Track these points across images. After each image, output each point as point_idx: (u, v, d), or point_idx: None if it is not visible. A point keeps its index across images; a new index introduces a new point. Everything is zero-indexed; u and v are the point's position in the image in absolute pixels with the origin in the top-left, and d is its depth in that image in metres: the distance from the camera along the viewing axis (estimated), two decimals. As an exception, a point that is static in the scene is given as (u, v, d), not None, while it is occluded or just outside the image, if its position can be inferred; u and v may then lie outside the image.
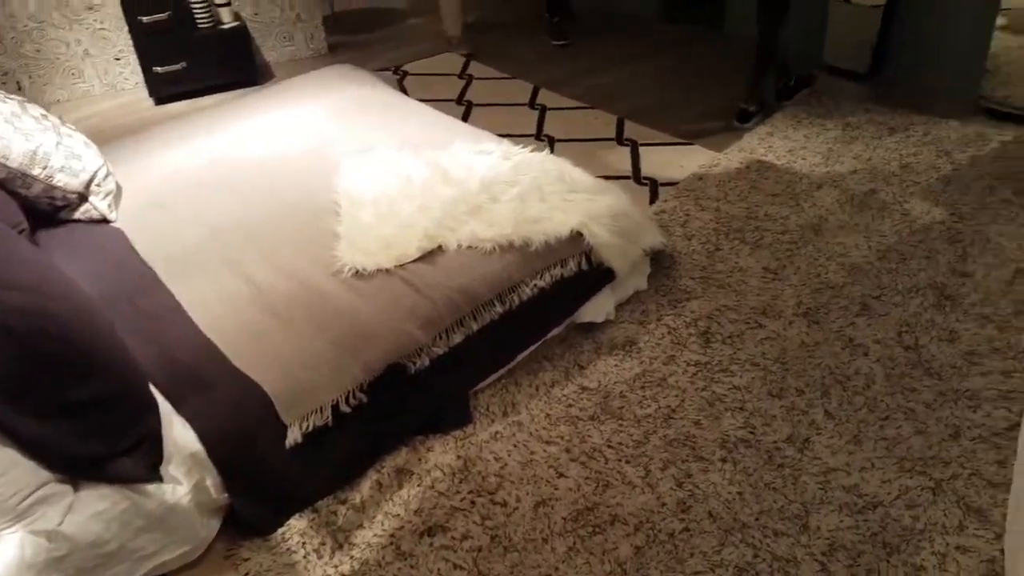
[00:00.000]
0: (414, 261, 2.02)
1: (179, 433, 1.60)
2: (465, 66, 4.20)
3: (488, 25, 4.79)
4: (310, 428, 1.70)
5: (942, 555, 1.57)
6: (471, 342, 1.93)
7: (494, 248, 2.06)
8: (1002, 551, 1.56)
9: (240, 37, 3.89)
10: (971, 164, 2.98)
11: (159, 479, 1.54)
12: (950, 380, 1.99)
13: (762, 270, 2.46)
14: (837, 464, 1.79)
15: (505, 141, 2.60)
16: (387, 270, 1.99)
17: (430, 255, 2.05)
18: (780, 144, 3.21)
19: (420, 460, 1.87)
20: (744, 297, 2.35)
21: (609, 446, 1.87)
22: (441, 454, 1.88)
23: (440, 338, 1.88)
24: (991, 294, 2.28)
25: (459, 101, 3.80)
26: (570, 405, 1.99)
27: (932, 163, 3.01)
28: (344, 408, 1.74)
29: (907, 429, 1.87)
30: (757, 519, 1.68)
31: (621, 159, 3.20)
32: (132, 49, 3.82)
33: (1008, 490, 1.68)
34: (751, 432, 1.89)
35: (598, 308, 2.21)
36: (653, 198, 2.91)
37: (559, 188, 2.27)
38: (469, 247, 2.07)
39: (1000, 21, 3.25)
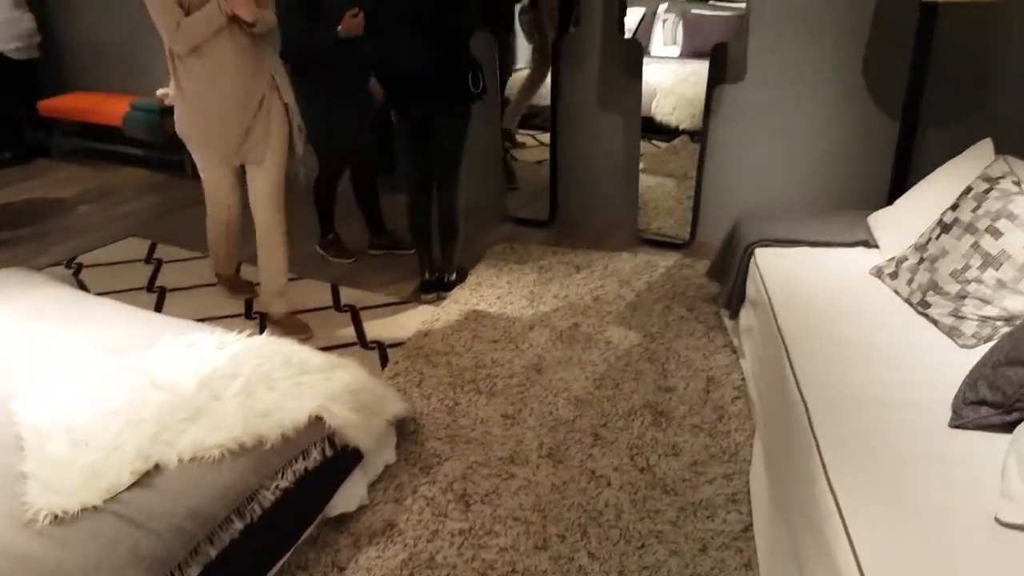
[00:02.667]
0: (128, 489, 1.73)
1: None
2: (152, 249, 3.91)
3: (169, 206, 4.56)
4: None
5: (725, 672, 1.65)
6: (210, 573, 1.68)
7: (223, 455, 1.84)
8: (772, 653, 1.68)
9: None
10: (648, 290, 3.41)
11: None
12: (685, 494, 2.17)
13: (501, 417, 2.52)
14: (612, 603, 1.83)
15: (216, 328, 2.42)
16: (95, 507, 1.67)
17: (147, 478, 1.77)
18: (489, 292, 3.40)
19: None
20: (491, 448, 2.37)
21: (390, 650, 1.72)
22: None
23: (173, 576, 1.62)
24: (695, 404, 2.57)
25: (149, 289, 3.51)
26: (338, 614, 1.82)
27: (617, 293, 3.38)
28: None
29: (662, 552, 1.97)
30: None
31: (343, 326, 3.16)
32: None
33: (760, 590, 1.84)
34: (527, 592, 1.87)
35: (349, 495, 2.08)
36: (384, 362, 2.89)
37: (288, 372, 2.15)
38: (193, 459, 1.82)
39: (640, 165, 3.85)
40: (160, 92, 4.94)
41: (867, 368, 1.96)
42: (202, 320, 2.93)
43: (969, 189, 2.26)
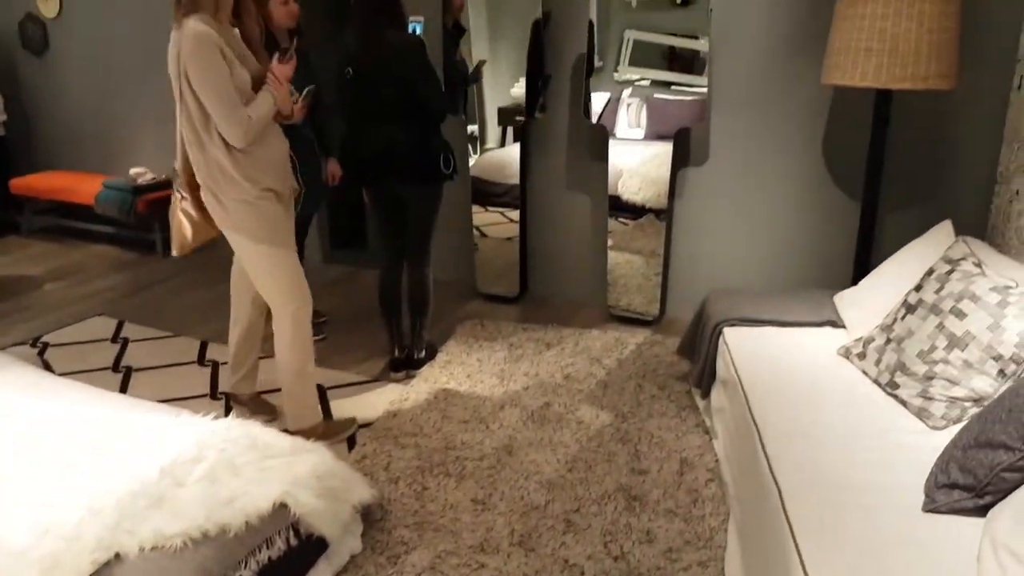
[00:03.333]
0: (86, 581, 1.67)
1: None
2: (119, 328, 3.85)
3: (138, 285, 4.52)
4: None
5: None
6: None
7: (185, 543, 1.78)
8: None
9: None
10: (619, 367, 3.41)
11: None
12: (660, 581, 2.12)
13: (471, 503, 2.47)
14: None
15: (182, 410, 2.37)
16: (51, 601, 1.61)
17: (107, 568, 1.70)
18: (459, 370, 3.38)
19: None
20: (460, 536, 2.31)
21: None
22: None
23: (127, 677, 1.54)
24: (669, 487, 2.54)
25: (115, 368, 3.43)
26: None
27: (588, 371, 3.38)
28: None
29: (638, 642, 1.92)
30: None
31: (309, 409, 3.10)
32: None
33: None
34: None
35: (314, 587, 2.01)
36: (351, 444, 2.82)
37: (253, 457, 2.09)
38: (154, 548, 1.76)
39: (608, 242, 3.90)
40: (134, 171, 4.98)
41: (839, 450, 1.96)
42: (167, 401, 2.88)
43: (932, 270, 2.31)
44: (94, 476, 1.97)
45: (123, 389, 3.23)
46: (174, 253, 2.73)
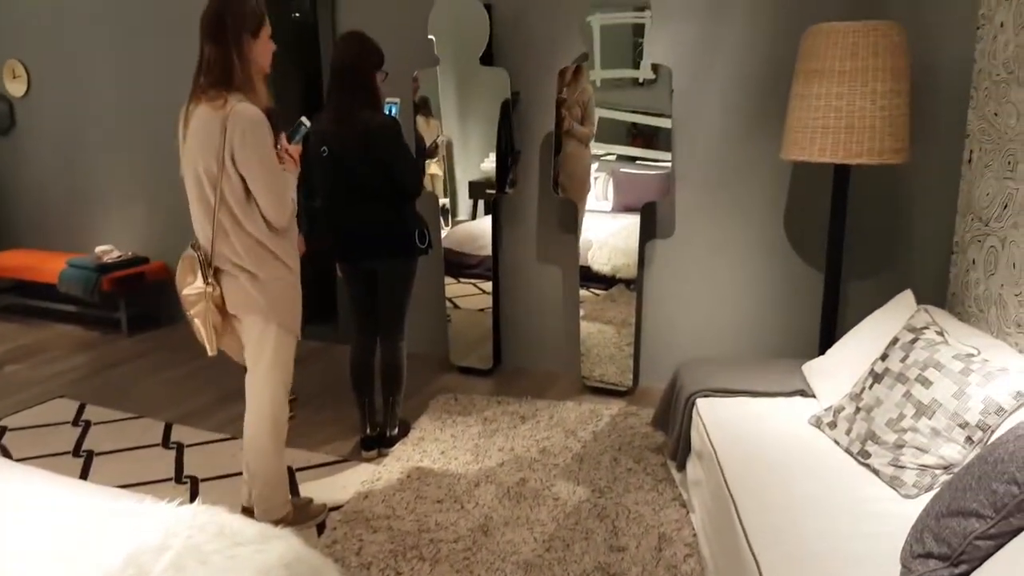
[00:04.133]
0: None
1: None
2: (80, 411, 3.75)
3: (101, 365, 4.43)
4: None
5: None
6: None
7: (148, 641, 1.71)
8: None
9: None
10: (594, 440, 3.38)
11: None
12: (642, 663, 2.06)
13: (446, 586, 2.41)
14: None
15: (145, 496, 2.29)
16: None
17: (60, 673, 1.62)
18: (432, 447, 3.33)
19: None
20: (435, 623, 2.24)
21: None
22: None
23: None
24: (647, 564, 2.49)
25: (76, 453, 3.33)
26: None
27: (563, 444, 3.35)
28: None
29: None
30: None
31: (278, 491, 3.02)
32: None
33: None
34: None
35: None
36: (321, 529, 2.74)
37: (220, 545, 2.01)
38: (114, 647, 1.69)
39: (580, 312, 3.93)
40: (99, 249, 4.93)
41: (816, 521, 1.95)
42: (130, 485, 2.79)
43: (896, 339, 2.36)
44: (54, 567, 1.89)
45: (84, 474, 3.13)
46: (211, 353, 2.59)
